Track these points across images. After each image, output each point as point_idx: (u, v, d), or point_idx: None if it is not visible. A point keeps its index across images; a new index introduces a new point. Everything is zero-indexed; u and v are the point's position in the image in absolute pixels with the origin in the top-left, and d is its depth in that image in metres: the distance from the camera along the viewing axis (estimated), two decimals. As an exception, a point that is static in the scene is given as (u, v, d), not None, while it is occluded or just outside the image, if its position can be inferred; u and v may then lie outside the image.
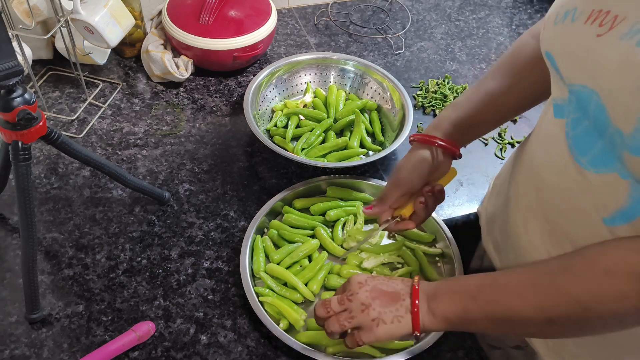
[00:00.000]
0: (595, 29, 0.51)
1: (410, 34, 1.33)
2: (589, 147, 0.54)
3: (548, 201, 0.63)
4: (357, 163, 0.96)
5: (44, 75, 1.12)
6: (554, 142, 0.60)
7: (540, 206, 0.65)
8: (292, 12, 1.36)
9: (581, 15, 0.53)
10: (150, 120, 1.06)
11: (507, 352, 0.83)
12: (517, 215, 0.71)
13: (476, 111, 0.75)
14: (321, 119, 1.06)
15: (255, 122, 0.98)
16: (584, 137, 0.55)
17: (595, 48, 0.51)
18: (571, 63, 0.55)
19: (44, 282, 0.81)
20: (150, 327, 0.76)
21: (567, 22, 0.55)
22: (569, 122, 0.57)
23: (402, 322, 0.62)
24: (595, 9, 0.52)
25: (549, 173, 0.62)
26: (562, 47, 0.57)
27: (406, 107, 1.02)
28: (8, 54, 0.63)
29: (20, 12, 0.94)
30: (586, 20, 0.53)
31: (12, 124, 0.68)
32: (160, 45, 1.12)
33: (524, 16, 1.43)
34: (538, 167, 0.65)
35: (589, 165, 0.54)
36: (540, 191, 0.64)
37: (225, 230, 0.90)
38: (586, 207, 0.56)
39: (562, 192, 0.59)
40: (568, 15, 0.55)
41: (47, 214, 0.89)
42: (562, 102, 0.58)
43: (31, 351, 0.74)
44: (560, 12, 0.57)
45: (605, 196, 0.53)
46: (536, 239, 0.65)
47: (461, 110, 0.76)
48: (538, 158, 0.65)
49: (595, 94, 0.51)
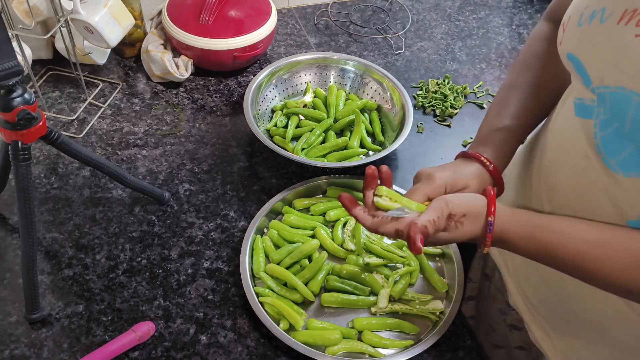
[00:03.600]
0: (631, 29, 0.50)
1: (410, 34, 1.33)
2: (618, 149, 0.53)
3: (562, 202, 0.62)
4: (357, 163, 0.96)
5: (43, 75, 1.11)
6: (573, 143, 0.59)
7: (552, 207, 0.64)
8: (292, 12, 1.36)
9: (612, 15, 0.52)
10: (150, 120, 1.06)
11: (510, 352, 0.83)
12: None
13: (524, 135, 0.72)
14: (321, 119, 1.06)
15: (255, 122, 0.98)
16: (612, 139, 0.54)
17: (635, 48, 0.50)
18: (604, 64, 0.53)
19: (44, 282, 0.81)
20: (150, 327, 0.76)
21: (595, 24, 0.54)
22: (597, 124, 0.55)
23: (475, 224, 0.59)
24: (628, 8, 0.51)
25: (565, 173, 0.61)
26: (591, 48, 0.55)
27: (406, 107, 1.02)
28: (8, 54, 0.63)
29: (20, 12, 0.94)
30: (619, 20, 0.51)
31: (12, 123, 0.68)
32: (160, 45, 1.12)
33: (524, 16, 1.43)
34: (551, 167, 0.64)
35: (619, 167, 0.54)
36: (553, 191, 0.63)
37: (225, 230, 0.90)
38: (606, 209, 0.56)
39: (579, 193, 0.59)
40: (595, 16, 0.54)
41: (47, 214, 0.89)
42: (590, 102, 0.57)
43: (31, 351, 0.74)
44: (585, 12, 0.55)
45: (634, 199, 0.53)
46: None
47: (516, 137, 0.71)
48: (551, 158, 0.64)
49: (635, 95, 0.50)
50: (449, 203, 0.59)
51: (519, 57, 0.75)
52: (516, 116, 0.71)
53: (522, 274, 0.75)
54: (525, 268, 0.74)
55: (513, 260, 0.75)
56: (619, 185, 0.54)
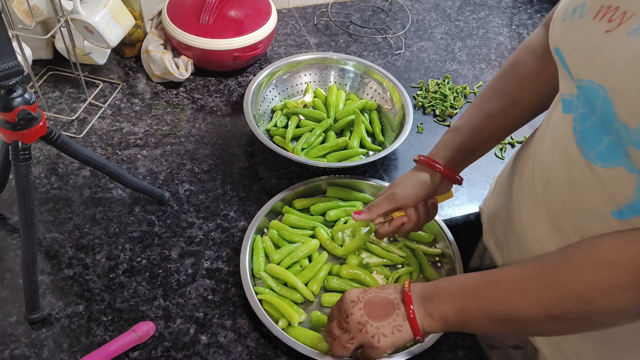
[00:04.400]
0: (604, 24, 0.52)
1: (410, 34, 1.33)
2: (596, 142, 0.54)
3: (555, 196, 0.63)
4: (357, 163, 0.96)
5: (44, 75, 1.12)
6: (562, 138, 0.60)
7: (546, 202, 0.65)
8: (292, 12, 1.36)
9: (589, 11, 0.54)
10: (150, 120, 1.06)
11: (507, 352, 0.83)
12: (521, 212, 0.71)
13: (477, 134, 0.77)
14: (321, 119, 1.06)
15: (255, 122, 0.98)
16: (591, 132, 0.55)
17: (603, 44, 0.51)
18: (579, 59, 0.55)
19: (44, 282, 0.81)
20: (150, 327, 0.76)
21: (576, 18, 0.55)
22: (576, 117, 0.57)
23: (402, 331, 0.63)
24: (604, 4, 0.52)
25: (557, 168, 0.62)
26: (570, 43, 0.57)
27: (406, 107, 1.02)
28: (8, 54, 0.63)
29: (20, 12, 0.94)
30: (595, 15, 0.53)
31: (12, 124, 0.68)
32: (160, 45, 1.12)
33: (524, 16, 1.43)
34: (545, 163, 0.65)
35: (597, 159, 0.54)
36: (547, 186, 0.64)
37: (225, 230, 0.90)
38: (595, 201, 0.56)
39: (571, 186, 0.59)
40: (577, 12, 0.55)
41: (47, 214, 0.89)
42: (570, 97, 0.58)
43: (31, 351, 0.74)
44: (569, 8, 0.57)
45: (614, 190, 0.53)
46: (543, 234, 0.65)
47: (463, 134, 0.78)
48: (545, 154, 0.65)
49: (602, 89, 0.51)
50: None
51: (494, 80, 0.78)
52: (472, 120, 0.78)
53: None
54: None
55: (512, 257, 0.75)
56: (599, 177, 0.55)
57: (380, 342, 0.63)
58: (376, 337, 0.63)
